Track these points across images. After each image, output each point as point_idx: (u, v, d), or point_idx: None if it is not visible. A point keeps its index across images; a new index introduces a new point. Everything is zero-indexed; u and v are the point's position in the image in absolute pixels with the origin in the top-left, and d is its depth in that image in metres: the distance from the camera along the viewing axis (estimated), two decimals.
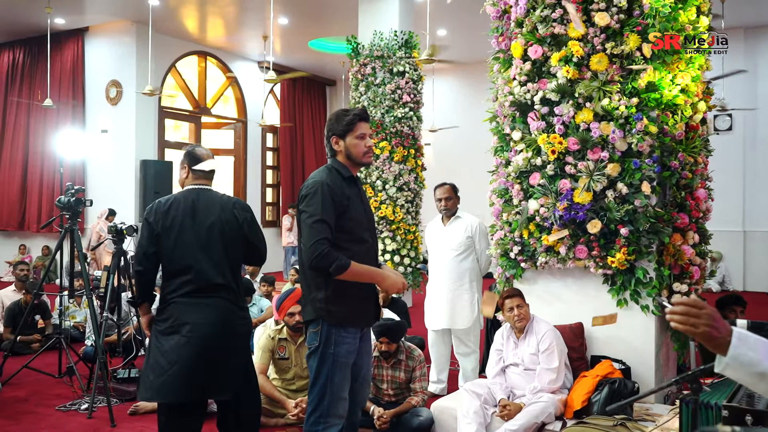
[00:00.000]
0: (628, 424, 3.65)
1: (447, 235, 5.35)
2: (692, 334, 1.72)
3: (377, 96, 9.05)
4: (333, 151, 3.24)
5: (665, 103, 4.34)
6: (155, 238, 3.34)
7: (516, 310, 4.34)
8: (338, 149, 3.23)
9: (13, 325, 6.75)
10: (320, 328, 3.06)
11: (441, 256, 5.38)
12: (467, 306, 5.27)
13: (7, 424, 4.69)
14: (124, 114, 12.58)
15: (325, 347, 3.05)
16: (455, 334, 5.39)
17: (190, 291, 3.28)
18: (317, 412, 3.06)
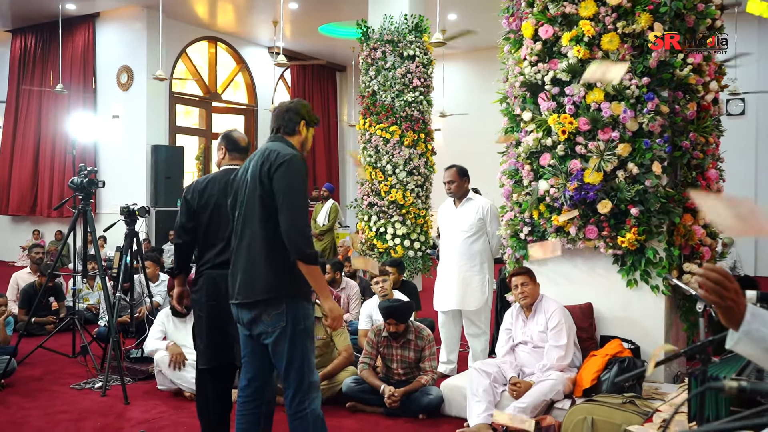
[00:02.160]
0: (637, 402, 3.67)
1: (458, 216, 5.35)
2: (716, 304, 1.73)
3: (387, 80, 9.03)
4: (292, 132, 3.22)
5: (677, 82, 4.32)
6: (192, 214, 3.59)
7: (521, 287, 4.37)
8: (302, 134, 3.26)
9: (27, 307, 6.83)
10: (284, 308, 3.00)
11: (452, 237, 5.38)
12: (478, 287, 5.28)
13: (24, 401, 4.76)
14: (135, 99, 12.63)
15: (295, 325, 3.02)
16: (466, 315, 5.40)
17: (221, 263, 3.45)
18: (300, 393, 3.04)
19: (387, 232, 8.97)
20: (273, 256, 3.01)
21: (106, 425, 4.24)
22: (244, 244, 3.08)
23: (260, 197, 3.03)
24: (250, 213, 3.08)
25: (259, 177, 3.03)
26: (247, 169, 3.15)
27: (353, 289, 6.54)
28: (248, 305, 3.04)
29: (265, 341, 3.05)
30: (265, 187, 3.02)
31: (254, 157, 3.16)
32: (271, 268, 3.01)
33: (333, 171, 16.76)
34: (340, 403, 4.63)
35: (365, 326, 5.48)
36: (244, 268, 3.06)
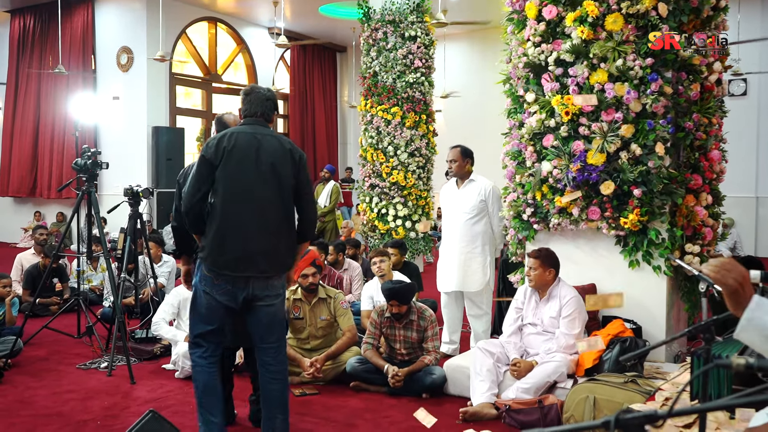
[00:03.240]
0: (639, 381, 3.71)
1: (460, 198, 5.33)
2: (721, 284, 1.83)
3: (389, 61, 9.00)
4: (270, 120, 3.53)
5: (680, 63, 4.32)
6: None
7: (528, 270, 4.37)
8: (272, 123, 3.56)
9: (32, 288, 6.87)
10: (283, 278, 3.48)
11: (454, 218, 5.37)
12: (479, 269, 5.27)
13: (31, 380, 4.81)
14: (135, 80, 12.59)
15: (284, 289, 3.51)
16: (467, 297, 5.41)
17: None
18: (284, 347, 3.51)
19: (388, 214, 8.99)
20: (292, 235, 3.45)
21: (113, 404, 4.28)
22: (272, 221, 3.34)
23: (287, 182, 3.36)
24: (277, 193, 3.34)
25: (292, 165, 3.37)
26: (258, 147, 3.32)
27: (356, 270, 6.58)
28: (269, 277, 3.34)
29: (270, 303, 3.38)
30: (292, 176, 3.37)
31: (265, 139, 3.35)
32: (291, 245, 3.45)
33: (333, 152, 16.74)
34: (344, 383, 4.68)
35: (367, 307, 5.52)
36: (269, 244, 3.33)
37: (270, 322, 3.38)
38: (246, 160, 3.30)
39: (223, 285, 3.29)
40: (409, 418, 4.09)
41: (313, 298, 4.87)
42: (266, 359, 3.42)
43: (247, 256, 3.27)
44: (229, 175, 3.29)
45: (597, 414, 3.59)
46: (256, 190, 3.30)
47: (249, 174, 3.30)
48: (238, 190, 3.29)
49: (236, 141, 3.32)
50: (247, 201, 3.29)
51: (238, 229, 3.28)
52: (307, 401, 4.40)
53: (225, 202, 3.29)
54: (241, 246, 3.27)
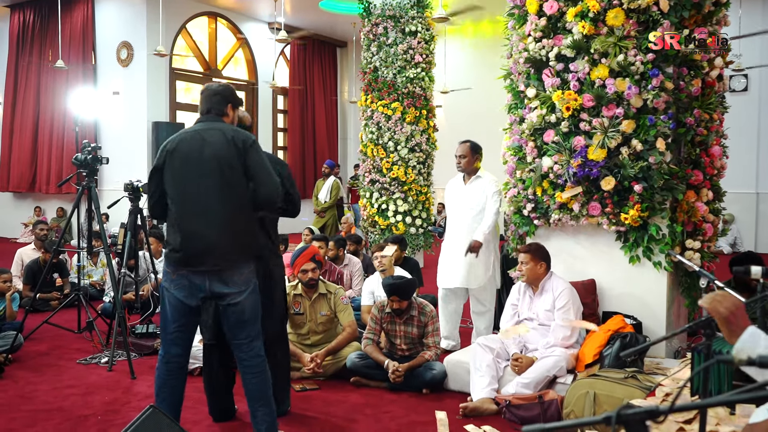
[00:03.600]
0: (639, 377, 3.71)
1: (466, 194, 5.29)
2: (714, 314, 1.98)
3: (389, 56, 8.98)
4: (222, 113, 3.50)
5: (682, 58, 4.31)
6: None
7: (520, 265, 4.40)
8: (230, 116, 3.54)
9: (32, 283, 6.87)
10: (253, 267, 3.43)
11: (459, 215, 5.33)
12: (484, 265, 5.23)
13: (32, 375, 4.82)
14: (135, 75, 12.57)
15: (255, 276, 3.46)
16: (471, 294, 5.37)
17: None
18: (259, 340, 3.45)
19: (389, 209, 8.99)
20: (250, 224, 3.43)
21: (113, 399, 4.29)
22: (221, 215, 3.30)
23: (235, 172, 3.31)
24: (224, 186, 3.31)
25: (236, 155, 3.31)
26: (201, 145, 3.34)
27: (356, 265, 6.58)
28: (222, 271, 3.29)
29: (236, 300, 3.32)
30: (239, 164, 3.31)
31: (209, 134, 3.36)
32: (251, 233, 3.44)
33: (333, 148, 16.72)
34: (345, 378, 4.68)
35: (368, 302, 5.52)
36: (225, 237, 3.29)
37: (237, 320, 3.37)
38: (189, 158, 3.34)
39: (179, 280, 3.33)
40: (410, 413, 4.10)
41: (313, 293, 4.87)
42: (240, 355, 3.44)
43: (198, 251, 3.29)
44: (173, 176, 3.36)
45: (597, 409, 3.59)
46: (201, 186, 3.30)
47: (192, 172, 3.32)
48: (183, 189, 3.34)
49: (178, 142, 3.40)
50: (193, 199, 3.32)
51: (187, 226, 3.31)
52: (307, 396, 4.40)
53: (173, 202, 3.36)
54: (191, 243, 3.29)
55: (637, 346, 3.81)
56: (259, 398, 3.42)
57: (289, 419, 3.98)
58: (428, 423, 3.91)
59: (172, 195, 3.37)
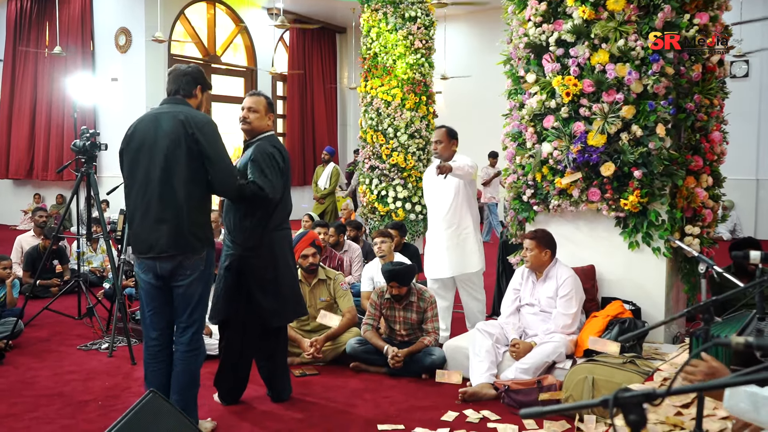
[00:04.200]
0: (637, 362, 3.72)
1: (443, 181, 5.02)
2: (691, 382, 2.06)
3: (389, 42, 8.94)
4: (190, 95, 3.51)
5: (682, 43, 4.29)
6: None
7: (525, 251, 4.38)
8: (198, 98, 3.55)
9: (32, 270, 6.88)
10: (204, 254, 3.40)
11: (439, 202, 5.15)
12: (475, 249, 5.14)
13: (32, 361, 4.83)
14: (133, 62, 12.51)
15: (208, 269, 3.44)
16: (463, 279, 5.26)
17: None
18: (200, 330, 3.49)
19: (388, 196, 8.98)
20: (200, 211, 3.38)
21: (114, 385, 4.30)
22: (165, 200, 3.29)
23: (184, 158, 3.28)
24: (172, 171, 3.28)
25: (185, 138, 3.27)
26: (155, 128, 3.33)
27: (356, 251, 6.58)
28: (173, 257, 3.31)
29: (179, 283, 3.36)
30: (186, 149, 3.27)
31: (162, 117, 3.35)
32: (200, 221, 3.38)
33: (332, 134, 16.68)
34: (344, 364, 4.70)
35: (367, 288, 5.52)
36: (171, 222, 3.29)
37: (179, 304, 3.42)
38: (144, 142, 3.35)
39: (142, 264, 3.42)
40: (409, 398, 4.11)
41: (312, 279, 4.88)
42: (175, 338, 3.48)
43: (146, 236, 3.33)
44: (130, 161, 3.40)
45: (595, 394, 3.61)
46: (152, 171, 3.31)
47: (145, 156, 3.34)
48: (137, 174, 3.36)
49: (137, 126, 3.43)
50: (145, 183, 3.33)
51: (139, 212, 3.36)
52: (307, 381, 4.42)
53: (127, 187, 3.41)
54: (141, 228, 3.35)
55: (635, 331, 3.82)
56: (177, 385, 3.44)
57: (288, 404, 4.00)
58: (427, 408, 3.93)
59: (126, 180, 3.42)
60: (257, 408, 3.95)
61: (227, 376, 3.97)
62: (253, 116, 3.82)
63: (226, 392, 4.00)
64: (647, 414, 1.24)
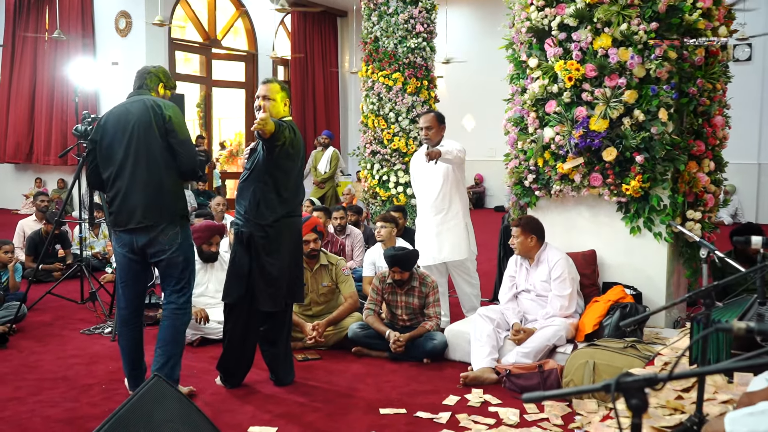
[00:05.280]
0: (638, 346, 3.74)
1: (430, 166, 4.92)
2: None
3: (390, 26, 8.89)
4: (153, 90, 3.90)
5: (685, 27, 4.27)
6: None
7: (513, 239, 4.41)
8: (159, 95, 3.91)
9: (34, 254, 6.90)
10: (179, 229, 3.72)
11: (428, 188, 5.10)
12: (464, 235, 5.11)
13: (36, 345, 4.86)
14: (134, 46, 12.45)
15: (185, 240, 3.77)
16: (453, 265, 5.23)
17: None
18: (188, 295, 3.82)
19: (390, 180, 8.98)
20: (172, 186, 3.70)
21: (117, 369, 4.32)
22: (140, 177, 3.63)
23: (156, 139, 3.64)
24: (142, 150, 3.64)
25: (154, 121, 3.64)
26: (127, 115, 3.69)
27: (357, 236, 6.59)
28: (148, 228, 3.63)
29: (160, 258, 3.68)
30: (156, 129, 3.64)
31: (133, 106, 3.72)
32: (171, 195, 3.70)
33: (333, 118, 16.63)
34: (346, 348, 4.73)
35: (369, 273, 5.54)
36: (145, 196, 3.62)
37: (165, 274, 3.77)
38: (117, 129, 3.68)
39: (120, 238, 3.72)
40: (411, 382, 4.14)
41: (314, 264, 4.89)
42: (165, 298, 3.82)
43: (125, 211, 3.65)
44: (106, 146, 3.70)
45: (596, 378, 3.63)
46: (128, 153, 3.64)
47: (120, 141, 3.66)
48: (114, 157, 3.68)
49: (109, 115, 3.77)
50: (119, 165, 3.66)
51: (118, 189, 3.68)
52: (309, 366, 4.44)
53: (104, 169, 3.73)
54: (120, 204, 3.67)
55: (636, 316, 3.83)
56: (162, 340, 3.74)
57: (291, 389, 4.02)
58: (429, 392, 3.96)
59: (103, 163, 3.72)
60: (260, 391, 3.98)
61: (231, 359, 3.99)
62: (269, 104, 3.87)
63: (229, 375, 4.02)
64: (648, 398, 1.25)
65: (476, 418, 3.56)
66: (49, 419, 3.54)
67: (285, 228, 3.87)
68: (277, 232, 3.84)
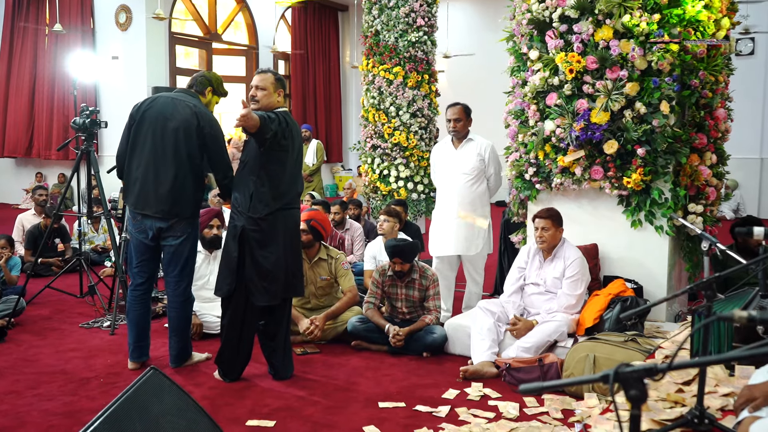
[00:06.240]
0: (639, 340, 3.72)
1: (458, 158, 5.11)
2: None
3: (391, 20, 8.86)
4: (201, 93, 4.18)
5: (688, 19, 4.24)
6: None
7: (541, 231, 4.31)
8: (207, 98, 4.20)
9: (33, 248, 6.88)
10: (192, 219, 4.06)
11: (451, 180, 5.15)
12: (480, 232, 5.15)
13: (34, 339, 4.85)
14: (134, 40, 12.41)
15: (194, 230, 4.11)
16: (466, 259, 5.28)
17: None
18: (189, 283, 4.14)
19: (390, 175, 8.95)
20: (193, 186, 4.01)
21: (116, 362, 4.31)
22: (170, 171, 3.92)
23: (190, 142, 3.94)
24: (174, 148, 3.93)
25: (195, 128, 3.94)
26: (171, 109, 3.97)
27: (357, 230, 6.57)
28: (164, 219, 3.95)
29: (171, 243, 4.01)
30: (198, 138, 3.95)
31: (179, 104, 3.98)
32: (191, 193, 4.01)
33: (334, 112, 16.60)
34: (346, 342, 4.71)
35: (370, 267, 5.51)
36: (171, 191, 3.93)
37: (170, 260, 4.04)
38: (158, 119, 3.96)
39: (137, 225, 4.03)
40: (410, 376, 4.12)
41: (313, 256, 4.86)
42: (168, 289, 4.14)
43: (145, 197, 3.96)
44: (142, 132, 3.99)
45: (596, 372, 3.61)
46: (163, 146, 3.93)
47: (156, 130, 3.95)
48: (144, 143, 3.98)
49: (153, 103, 4.04)
50: (149, 153, 3.95)
51: (139, 174, 3.98)
52: (308, 359, 4.43)
53: (134, 152, 4.03)
54: (141, 189, 3.97)
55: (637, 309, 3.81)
56: (173, 329, 4.13)
57: (290, 382, 4.01)
58: (428, 386, 3.94)
59: (135, 147, 4.01)
60: (258, 385, 3.96)
61: (229, 353, 3.97)
62: (261, 94, 3.88)
63: (228, 369, 4.01)
64: (648, 390, 1.23)
65: (476, 411, 3.54)
66: (47, 413, 3.53)
67: (279, 221, 3.85)
68: (271, 225, 3.82)
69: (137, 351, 4.17)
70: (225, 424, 3.34)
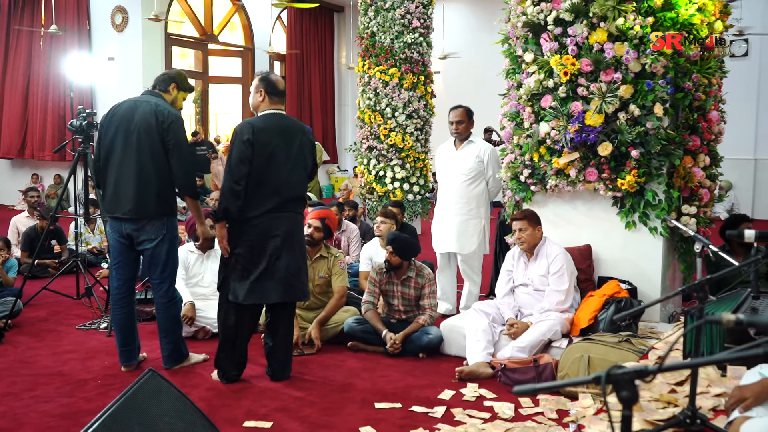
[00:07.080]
0: (633, 341, 3.75)
1: (458, 159, 5.30)
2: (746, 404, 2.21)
3: (387, 21, 8.89)
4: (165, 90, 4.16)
5: (681, 22, 4.26)
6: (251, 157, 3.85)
7: (518, 233, 4.40)
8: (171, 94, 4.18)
9: (30, 250, 6.88)
10: (165, 221, 4.02)
11: (451, 180, 5.34)
12: (475, 232, 5.29)
13: (31, 340, 4.86)
14: (130, 41, 12.41)
15: (170, 232, 4.06)
16: (461, 258, 5.43)
17: (276, 205, 3.87)
18: (173, 284, 4.14)
19: (386, 176, 8.98)
20: (159, 184, 3.98)
21: (113, 364, 4.32)
22: (133, 171, 3.94)
23: (152, 140, 3.94)
24: (141, 148, 3.94)
25: (155, 126, 3.93)
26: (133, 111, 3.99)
27: (353, 232, 6.59)
28: (135, 219, 3.97)
29: (147, 247, 4.01)
30: (159, 135, 3.94)
31: (140, 105, 4.00)
32: (159, 193, 3.98)
33: (329, 114, 16.62)
34: (342, 343, 4.72)
35: (365, 268, 5.54)
36: (136, 190, 3.94)
37: (150, 262, 4.07)
38: (122, 123, 3.99)
39: (112, 224, 4.09)
40: (406, 377, 4.14)
41: (314, 253, 4.87)
42: (153, 291, 4.16)
43: (116, 199, 4.00)
44: (110, 137, 4.02)
45: (591, 373, 3.64)
46: (127, 148, 3.96)
47: (120, 135, 3.98)
48: (113, 148, 4.01)
49: (118, 109, 4.07)
50: (117, 157, 3.99)
51: (111, 179, 4.02)
52: (305, 360, 4.44)
53: (104, 159, 4.06)
54: (113, 193, 4.02)
55: (631, 310, 3.84)
56: (163, 330, 4.13)
57: (287, 383, 4.03)
58: (424, 386, 3.96)
59: (104, 153, 4.05)
60: (256, 386, 3.98)
61: (226, 354, 3.99)
62: (250, 97, 4.08)
63: (225, 370, 4.02)
64: (639, 391, 1.26)
65: (471, 412, 3.57)
66: (44, 414, 3.54)
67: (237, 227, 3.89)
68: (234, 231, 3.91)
69: (125, 355, 4.19)
70: (222, 425, 3.35)
